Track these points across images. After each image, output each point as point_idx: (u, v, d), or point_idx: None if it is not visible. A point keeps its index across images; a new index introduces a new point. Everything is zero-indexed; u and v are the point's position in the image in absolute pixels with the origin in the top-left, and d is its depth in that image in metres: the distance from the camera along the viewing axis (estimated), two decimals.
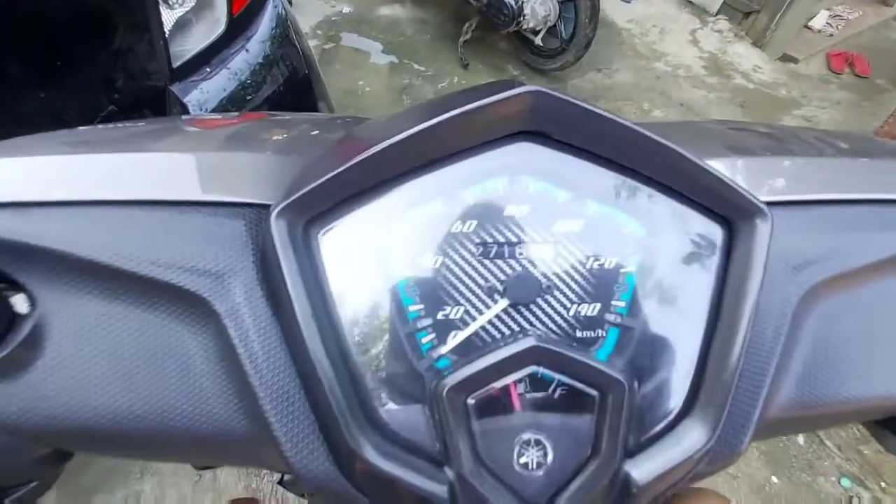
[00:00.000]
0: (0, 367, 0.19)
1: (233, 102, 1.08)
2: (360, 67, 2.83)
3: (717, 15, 3.33)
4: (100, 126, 0.31)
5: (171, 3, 0.99)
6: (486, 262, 0.20)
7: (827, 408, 0.22)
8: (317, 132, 0.29)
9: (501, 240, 0.20)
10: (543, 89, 0.19)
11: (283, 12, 1.24)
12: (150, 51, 0.91)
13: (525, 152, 0.21)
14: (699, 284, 0.20)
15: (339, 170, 0.19)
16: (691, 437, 0.18)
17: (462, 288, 0.20)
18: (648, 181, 0.21)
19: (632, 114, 2.66)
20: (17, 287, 0.20)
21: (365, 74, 2.78)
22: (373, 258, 0.20)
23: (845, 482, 1.47)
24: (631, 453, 0.18)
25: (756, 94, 2.85)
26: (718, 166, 0.22)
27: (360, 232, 0.20)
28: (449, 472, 0.17)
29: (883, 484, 1.46)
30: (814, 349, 0.21)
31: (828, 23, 3.52)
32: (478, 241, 0.20)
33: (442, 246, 0.20)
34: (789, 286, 0.20)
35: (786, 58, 3.17)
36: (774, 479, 1.48)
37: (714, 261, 0.20)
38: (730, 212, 0.20)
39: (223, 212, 0.20)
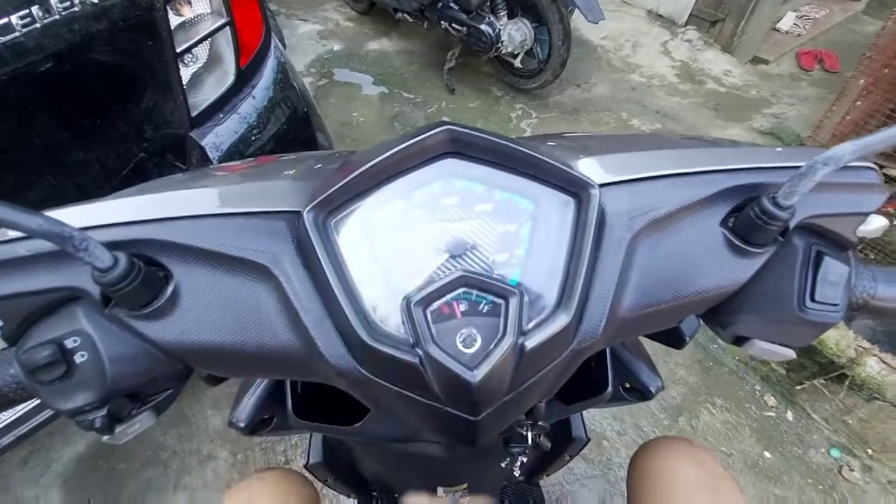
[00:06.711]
0: (155, 313, 0.32)
1: (243, 142, 1.23)
2: (354, 99, 2.99)
3: (685, 26, 3.45)
4: (187, 172, 0.45)
5: (186, 61, 1.15)
6: (434, 232, 0.33)
7: (660, 307, 0.34)
8: (319, 165, 0.42)
9: (441, 219, 0.33)
10: (453, 127, 0.32)
11: (283, 59, 1.40)
12: (172, 105, 1.06)
13: (452, 164, 0.33)
14: (564, 233, 0.33)
15: (340, 184, 0.32)
16: (558, 322, 0.30)
17: (420, 249, 0.32)
18: (530, 175, 0.34)
19: (612, 123, 2.79)
20: (162, 267, 0.32)
21: (359, 106, 2.94)
22: (366, 235, 0.33)
23: (835, 452, 1.55)
24: (524, 334, 0.30)
25: (728, 96, 2.96)
26: (585, 162, 0.35)
27: (357, 220, 0.33)
28: (419, 350, 0.29)
29: (869, 451, 1.54)
30: (645, 269, 0.33)
31: (795, 23, 3.63)
32: (427, 220, 0.33)
33: (406, 226, 0.33)
34: (624, 231, 0.33)
35: (756, 60, 3.27)
36: (767, 454, 1.55)
37: (570, 218, 0.33)
38: (575, 188, 0.33)
39: (272, 216, 0.33)
